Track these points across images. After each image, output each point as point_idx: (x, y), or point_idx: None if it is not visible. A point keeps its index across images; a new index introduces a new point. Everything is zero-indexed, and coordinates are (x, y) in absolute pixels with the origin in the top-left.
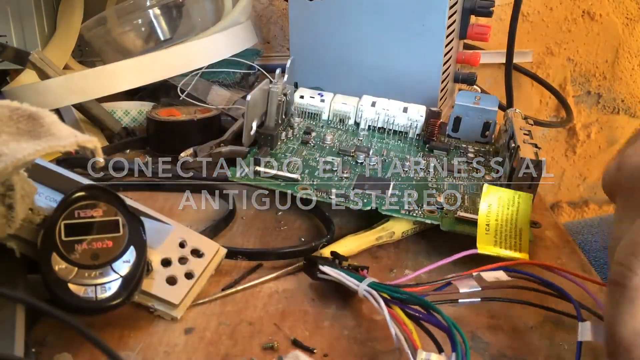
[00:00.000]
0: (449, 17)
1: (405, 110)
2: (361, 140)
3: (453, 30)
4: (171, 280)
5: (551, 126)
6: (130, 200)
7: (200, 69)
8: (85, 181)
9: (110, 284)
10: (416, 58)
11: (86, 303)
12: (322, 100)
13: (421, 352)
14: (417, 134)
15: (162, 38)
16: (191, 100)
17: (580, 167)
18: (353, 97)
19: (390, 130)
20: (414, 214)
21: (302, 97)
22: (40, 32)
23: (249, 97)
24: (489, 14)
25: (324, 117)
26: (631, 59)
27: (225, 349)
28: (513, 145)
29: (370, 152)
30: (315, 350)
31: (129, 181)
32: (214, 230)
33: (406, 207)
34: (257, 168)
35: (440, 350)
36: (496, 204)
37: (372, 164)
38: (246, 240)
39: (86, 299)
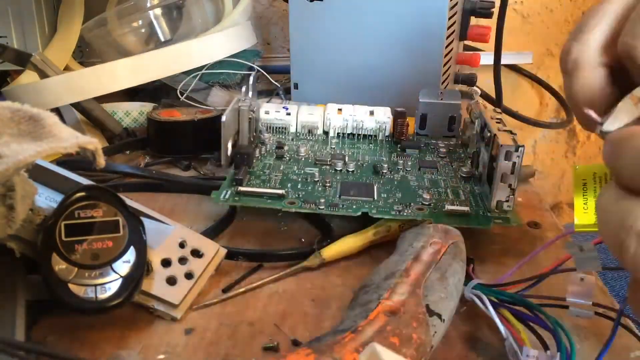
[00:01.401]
0: (449, 18)
1: (371, 113)
2: (334, 148)
3: (453, 32)
4: (171, 281)
5: (551, 127)
6: (131, 200)
7: (201, 69)
8: (86, 182)
9: (110, 284)
10: (416, 59)
11: (86, 303)
12: (288, 114)
13: (527, 350)
14: (386, 136)
15: (162, 39)
16: (191, 103)
17: None
18: (318, 107)
19: (360, 135)
20: (404, 213)
21: (267, 112)
22: (40, 33)
23: (223, 118)
24: (489, 15)
25: (292, 129)
26: None
27: (225, 350)
28: (489, 134)
29: (346, 159)
30: None
31: (129, 181)
32: (214, 231)
33: (395, 207)
34: (241, 188)
35: (546, 349)
36: (591, 181)
37: (350, 169)
38: (246, 241)
39: (86, 299)
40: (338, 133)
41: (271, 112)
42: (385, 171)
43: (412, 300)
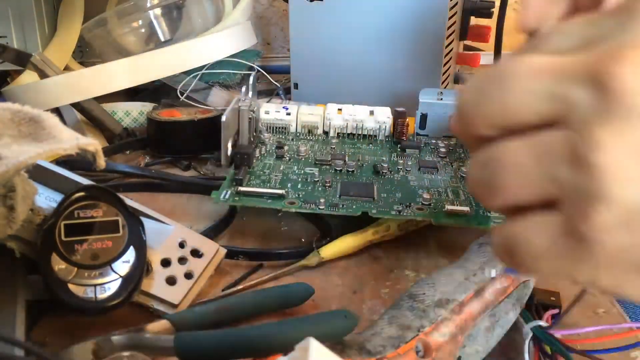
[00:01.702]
0: (449, 18)
1: (372, 113)
2: (334, 148)
3: (453, 32)
4: (171, 281)
5: None
6: (131, 200)
7: (201, 69)
8: (86, 181)
9: (109, 284)
10: (416, 59)
11: (86, 303)
12: (288, 114)
13: None
14: (386, 136)
15: (162, 39)
16: (191, 103)
17: None
18: (318, 107)
19: (360, 135)
20: (404, 213)
21: (267, 112)
22: (40, 33)
23: (223, 118)
24: (489, 15)
25: (292, 129)
26: None
27: None
28: None
29: (346, 159)
30: None
31: (129, 181)
32: (214, 230)
33: (395, 207)
34: (241, 188)
35: None
36: None
37: (350, 169)
38: (247, 241)
39: (86, 299)
40: (338, 133)
41: (271, 112)
42: (385, 171)
43: (448, 348)
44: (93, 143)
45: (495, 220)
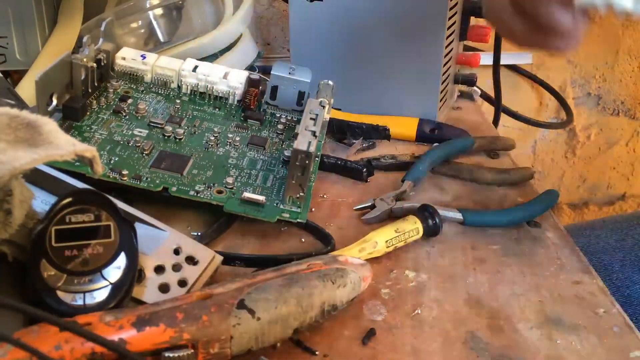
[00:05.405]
0: (449, 18)
1: (225, 76)
2: (178, 108)
3: (453, 32)
4: (164, 288)
5: (551, 127)
6: (125, 205)
7: None
8: (82, 185)
9: (99, 291)
10: (416, 59)
11: (74, 310)
12: (145, 63)
13: None
14: (237, 101)
15: (161, 40)
16: None
17: (580, 169)
18: (178, 60)
19: (211, 96)
20: (202, 195)
21: (124, 58)
22: (40, 34)
23: (36, 78)
24: None
25: (147, 79)
26: (631, 61)
27: None
28: (296, 131)
29: (183, 123)
30: (317, 352)
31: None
32: (215, 232)
33: (197, 187)
34: None
35: None
36: None
37: (178, 137)
38: (246, 242)
39: (74, 306)
40: (192, 90)
41: (128, 58)
42: (212, 144)
43: (229, 293)
44: (90, 149)
45: (283, 214)
